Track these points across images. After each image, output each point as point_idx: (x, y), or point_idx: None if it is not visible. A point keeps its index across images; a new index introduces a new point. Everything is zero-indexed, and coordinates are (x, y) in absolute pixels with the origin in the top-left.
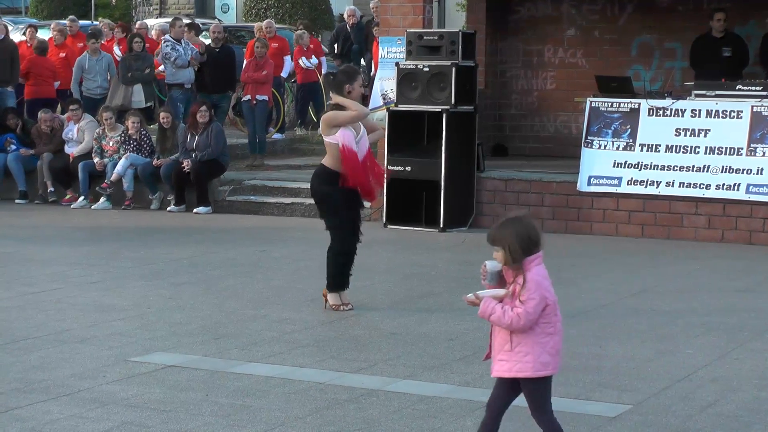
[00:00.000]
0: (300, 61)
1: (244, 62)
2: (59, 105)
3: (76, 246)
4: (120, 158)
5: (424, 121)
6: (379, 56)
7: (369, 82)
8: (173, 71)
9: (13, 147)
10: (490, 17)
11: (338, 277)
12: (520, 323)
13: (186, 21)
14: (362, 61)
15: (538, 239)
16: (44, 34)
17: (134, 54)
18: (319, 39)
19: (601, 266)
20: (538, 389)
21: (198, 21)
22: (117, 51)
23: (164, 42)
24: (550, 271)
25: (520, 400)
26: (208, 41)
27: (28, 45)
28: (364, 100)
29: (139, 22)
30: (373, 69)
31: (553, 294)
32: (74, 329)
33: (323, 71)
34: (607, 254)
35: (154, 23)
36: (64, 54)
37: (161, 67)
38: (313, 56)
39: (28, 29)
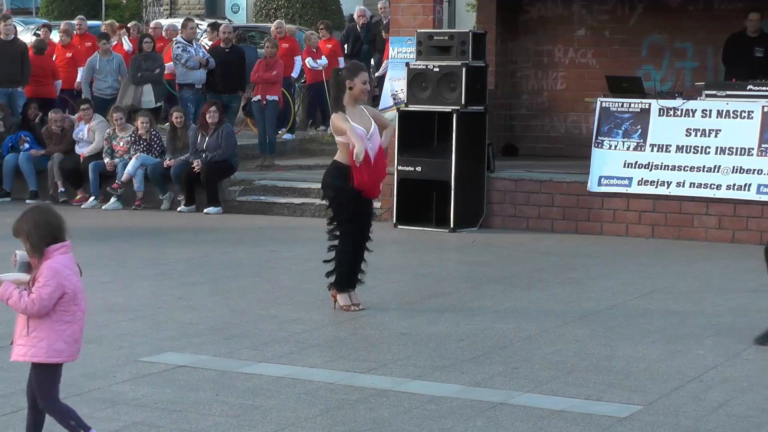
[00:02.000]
0: (306, 62)
1: None
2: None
3: (86, 246)
4: (130, 158)
5: (435, 122)
6: (389, 56)
7: (378, 83)
8: (184, 72)
9: (27, 146)
10: (501, 17)
11: (346, 276)
12: (34, 308)
13: (209, 22)
14: (372, 62)
15: (60, 228)
16: (55, 35)
17: (144, 54)
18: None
19: (611, 266)
20: (47, 376)
21: (208, 21)
22: (127, 41)
23: (175, 43)
24: (560, 271)
25: (529, 401)
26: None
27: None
28: (374, 100)
29: (131, 23)
30: (381, 69)
31: (74, 283)
32: (84, 329)
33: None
34: (617, 255)
35: (166, 23)
36: (70, 54)
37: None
38: (323, 57)
39: (42, 29)
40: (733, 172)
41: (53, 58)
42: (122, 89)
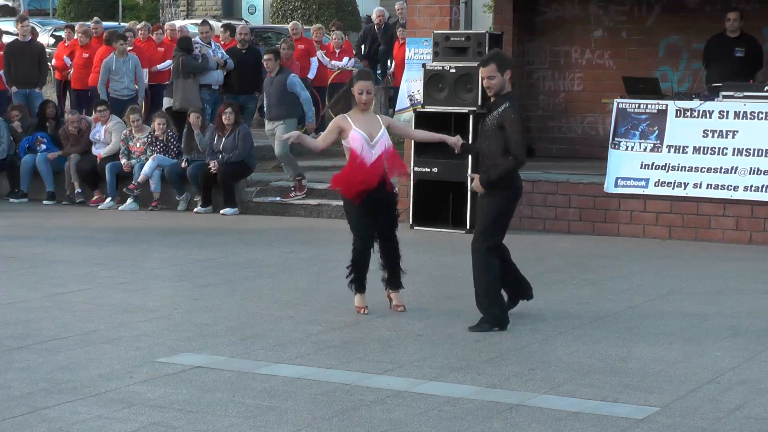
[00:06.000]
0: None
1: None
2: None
3: (103, 247)
4: (147, 159)
5: (451, 123)
6: (406, 57)
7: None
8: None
9: (44, 147)
10: (517, 18)
11: (357, 277)
12: None
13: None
14: (389, 62)
15: None
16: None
17: (193, 55)
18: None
19: (628, 268)
20: None
21: (224, 22)
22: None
23: (194, 44)
24: (577, 272)
25: (545, 402)
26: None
27: (66, 44)
28: (390, 102)
29: (141, 24)
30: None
31: None
32: (101, 330)
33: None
34: (634, 256)
35: (181, 24)
36: (87, 54)
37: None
38: (345, 58)
39: (66, 30)
40: (750, 174)
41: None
42: (176, 89)
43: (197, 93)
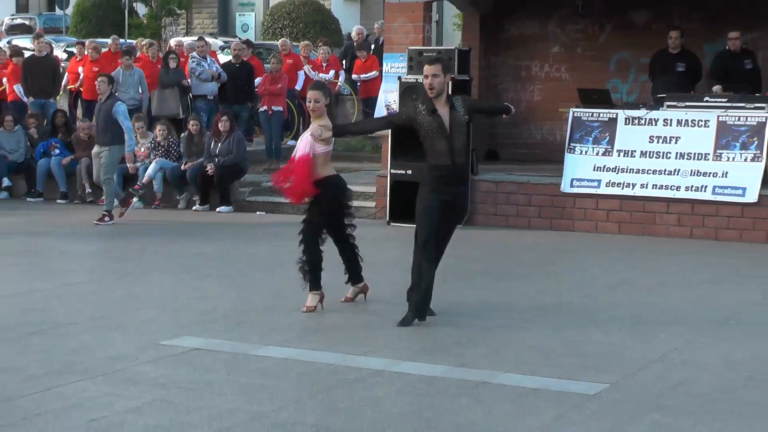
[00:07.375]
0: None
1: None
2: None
3: (111, 242)
4: (150, 162)
5: None
6: (383, 70)
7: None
8: (197, 84)
9: (57, 151)
10: (483, 35)
11: (308, 276)
12: None
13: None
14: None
15: None
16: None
17: (173, 69)
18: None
19: (582, 261)
20: None
21: (220, 39)
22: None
23: (191, 59)
24: (538, 264)
25: (509, 380)
26: (229, 58)
27: (78, 59)
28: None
29: (144, 41)
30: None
31: None
32: (109, 316)
33: (339, 85)
34: (588, 250)
35: (186, 42)
36: (98, 68)
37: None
38: (332, 70)
39: (77, 45)
40: (691, 175)
41: (80, 71)
42: (158, 99)
43: (174, 101)
